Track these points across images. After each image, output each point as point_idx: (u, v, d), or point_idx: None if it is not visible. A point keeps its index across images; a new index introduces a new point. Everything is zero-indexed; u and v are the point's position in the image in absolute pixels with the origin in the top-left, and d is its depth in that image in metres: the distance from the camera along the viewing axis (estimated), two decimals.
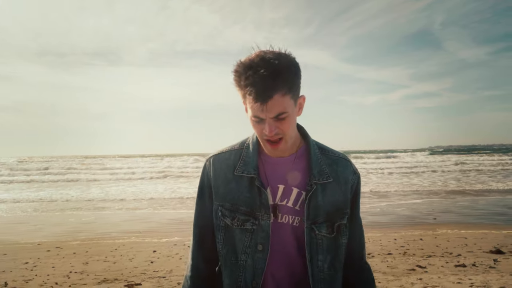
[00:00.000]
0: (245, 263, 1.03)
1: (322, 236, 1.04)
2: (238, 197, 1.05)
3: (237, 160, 1.08)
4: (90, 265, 4.65)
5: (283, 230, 1.04)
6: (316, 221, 1.03)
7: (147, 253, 5.18)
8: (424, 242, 5.59)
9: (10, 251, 5.48)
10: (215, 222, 1.09)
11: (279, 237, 1.04)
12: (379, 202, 10.37)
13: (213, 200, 1.10)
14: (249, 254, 1.03)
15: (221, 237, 1.08)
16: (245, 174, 1.05)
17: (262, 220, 1.03)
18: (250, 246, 1.03)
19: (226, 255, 1.07)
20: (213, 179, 1.10)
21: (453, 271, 4.07)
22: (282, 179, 1.05)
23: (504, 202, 9.96)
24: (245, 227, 1.04)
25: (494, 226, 6.84)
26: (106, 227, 7.49)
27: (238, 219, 1.04)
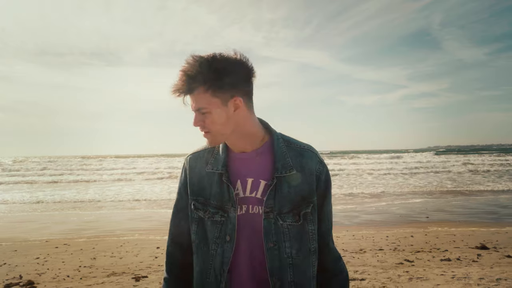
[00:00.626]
0: (215, 252, 1.12)
1: (288, 224, 1.11)
2: (209, 192, 1.14)
3: (210, 158, 1.18)
4: (98, 260, 4.95)
5: (253, 220, 1.12)
6: (281, 211, 1.10)
7: (151, 249, 5.48)
8: (414, 239, 5.91)
9: (20, 248, 5.78)
10: (190, 215, 1.18)
11: (250, 226, 1.11)
12: (375, 202, 10.70)
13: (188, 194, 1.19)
14: (219, 244, 1.12)
15: (194, 229, 1.17)
16: (215, 170, 1.14)
17: (230, 213, 1.11)
18: (219, 236, 1.12)
19: (198, 245, 1.16)
20: (189, 177, 1.19)
21: (438, 265, 4.39)
22: (250, 173, 1.13)
23: (495, 202, 10.30)
24: (215, 219, 1.12)
25: (483, 224, 7.18)
26: (110, 225, 7.79)
27: (209, 212, 1.13)
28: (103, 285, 3.88)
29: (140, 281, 3.98)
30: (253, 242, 1.11)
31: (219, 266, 1.11)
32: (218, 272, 1.11)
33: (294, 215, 1.11)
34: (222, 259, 1.10)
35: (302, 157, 1.15)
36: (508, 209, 8.99)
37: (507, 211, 8.79)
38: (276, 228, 1.10)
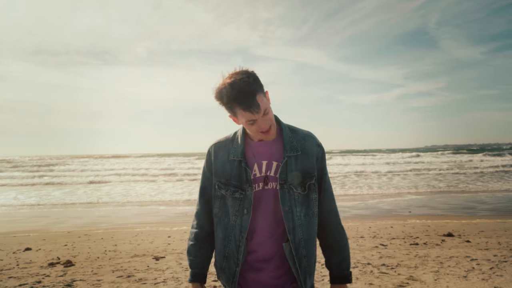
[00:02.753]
0: (235, 223, 1.41)
1: (298, 193, 1.41)
2: (231, 174, 1.43)
3: (230, 147, 1.47)
4: (119, 246, 5.88)
5: (269, 193, 1.42)
6: (292, 183, 1.40)
7: (164, 238, 6.42)
8: (393, 229, 6.87)
9: (48, 237, 6.70)
10: (213, 193, 1.48)
11: (265, 199, 1.42)
12: (366, 199, 11.68)
13: (212, 175, 1.49)
14: (238, 216, 1.41)
15: (218, 204, 1.47)
16: (235, 158, 1.43)
17: (247, 191, 1.40)
18: (239, 210, 1.41)
19: (221, 217, 1.46)
20: (214, 161, 1.48)
21: (406, 247, 5.36)
22: (265, 157, 1.43)
23: (476, 199, 11.30)
24: (235, 196, 1.41)
25: (457, 217, 8.16)
26: (122, 219, 8.72)
27: (230, 190, 1.43)
28: (130, 263, 4.82)
29: (159, 260, 4.92)
30: (269, 210, 1.41)
31: (238, 233, 1.41)
32: (238, 239, 1.41)
33: (302, 186, 1.41)
34: (240, 228, 1.40)
35: (305, 141, 1.47)
36: (485, 205, 9.99)
37: (484, 206, 9.78)
38: (289, 196, 1.40)
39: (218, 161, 1.47)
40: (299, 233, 1.40)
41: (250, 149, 1.44)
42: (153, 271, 4.43)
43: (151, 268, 4.56)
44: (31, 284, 3.97)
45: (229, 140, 1.49)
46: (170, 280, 4.07)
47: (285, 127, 1.48)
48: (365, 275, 4.09)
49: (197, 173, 21.87)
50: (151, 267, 4.58)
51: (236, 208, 1.41)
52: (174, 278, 4.13)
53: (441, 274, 4.07)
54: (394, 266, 4.41)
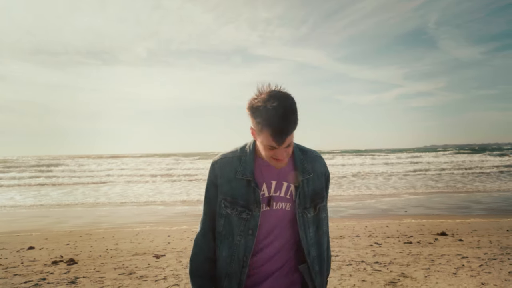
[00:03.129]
0: (239, 243, 1.38)
1: (310, 216, 1.44)
2: (238, 193, 1.39)
3: (238, 164, 1.42)
4: (120, 245, 6.03)
5: (275, 214, 1.41)
6: (306, 206, 1.42)
7: (163, 237, 6.57)
8: (388, 228, 7.04)
9: (50, 236, 6.85)
10: (218, 211, 1.43)
11: (273, 220, 1.40)
12: (363, 199, 11.84)
13: (217, 192, 1.43)
14: (243, 236, 1.38)
15: (222, 222, 1.42)
16: (244, 177, 1.39)
17: (254, 211, 1.37)
18: (244, 230, 1.38)
19: (225, 235, 1.42)
20: (219, 178, 1.42)
21: (400, 246, 5.52)
22: (274, 176, 1.41)
23: (472, 199, 11.47)
24: (241, 216, 1.38)
25: (452, 217, 8.33)
26: (122, 219, 8.87)
27: (236, 210, 1.39)
28: (131, 261, 4.97)
29: (160, 258, 5.07)
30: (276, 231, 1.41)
31: (242, 254, 1.38)
32: (241, 259, 1.38)
33: (313, 208, 1.44)
34: (245, 248, 1.38)
35: (314, 162, 1.48)
36: (480, 205, 10.16)
37: (479, 206, 9.95)
38: (303, 219, 1.42)
39: (224, 178, 1.42)
40: (312, 252, 1.44)
41: (259, 168, 1.42)
42: (153, 268, 4.58)
43: (151, 266, 4.71)
44: (36, 281, 4.12)
45: (236, 156, 1.44)
46: (170, 277, 4.22)
47: (296, 148, 1.47)
48: (358, 272, 4.25)
49: (196, 173, 22.02)
50: (151, 265, 4.73)
51: (242, 228, 1.39)
52: (175, 275, 4.29)
53: (432, 271, 4.23)
54: (387, 263, 4.57)
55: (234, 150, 1.47)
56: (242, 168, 1.41)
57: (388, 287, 3.75)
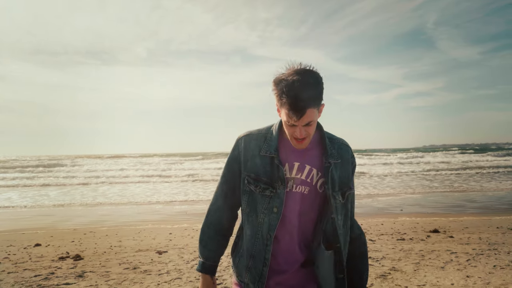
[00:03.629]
0: (263, 221, 1.36)
1: (339, 201, 1.39)
2: (261, 170, 1.37)
3: (263, 141, 1.40)
4: (123, 242, 6.26)
5: (295, 197, 1.38)
6: (334, 190, 1.37)
7: (165, 235, 6.79)
8: (383, 226, 7.27)
9: (55, 234, 7.07)
10: (242, 187, 1.42)
11: (291, 202, 1.37)
12: (360, 198, 12.08)
13: (241, 169, 1.41)
14: (267, 214, 1.36)
15: (246, 199, 1.41)
16: (268, 154, 1.37)
17: (279, 189, 1.35)
18: (268, 208, 1.35)
19: (249, 213, 1.40)
20: (243, 154, 1.41)
21: (393, 242, 5.75)
22: (297, 158, 1.38)
23: (467, 197, 11.71)
24: (265, 194, 1.36)
25: (445, 215, 8.57)
26: (124, 218, 9.10)
27: (260, 187, 1.37)
28: (134, 257, 5.20)
29: (162, 254, 5.30)
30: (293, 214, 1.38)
31: (266, 232, 1.36)
32: (265, 237, 1.37)
33: (341, 195, 1.40)
34: (268, 226, 1.36)
35: (341, 150, 1.45)
36: (474, 203, 10.40)
37: (473, 204, 10.19)
38: (334, 203, 1.38)
39: (248, 154, 1.41)
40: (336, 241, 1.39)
41: (284, 148, 1.40)
42: (156, 263, 4.81)
43: (154, 261, 4.94)
44: (45, 275, 4.34)
45: (261, 134, 1.43)
46: (173, 271, 4.45)
47: (324, 134, 1.45)
48: None
49: (194, 174, 22.24)
50: (154, 260, 4.96)
51: (265, 206, 1.37)
52: (177, 269, 4.51)
53: (421, 265, 4.46)
54: (379, 258, 4.80)
55: (260, 128, 1.47)
56: (267, 146, 1.39)
57: (379, 279, 3.98)
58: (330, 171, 1.38)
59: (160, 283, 4.03)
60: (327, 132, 1.49)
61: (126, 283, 4.07)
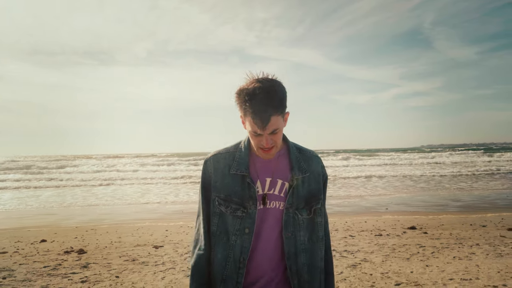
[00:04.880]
0: (235, 243, 1.33)
1: (303, 218, 1.37)
2: (232, 190, 1.34)
3: (232, 160, 1.38)
4: (123, 238, 6.80)
5: (271, 213, 1.36)
6: (298, 207, 1.36)
7: (162, 231, 7.34)
8: (366, 223, 7.82)
9: (58, 231, 7.61)
10: (212, 209, 1.39)
11: (267, 219, 1.35)
12: (350, 198, 12.65)
13: (211, 191, 1.39)
14: (238, 235, 1.33)
15: (216, 221, 1.38)
16: (239, 172, 1.35)
17: (250, 209, 1.33)
18: (239, 229, 1.33)
19: (219, 236, 1.36)
20: (213, 175, 1.39)
21: (371, 238, 6.31)
22: (268, 174, 1.37)
23: (453, 197, 12.28)
24: (236, 214, 1.33)
25: (426, 213, 9.13)
26: (123, 216, 9.64)
27: (230, 208, 1.34)
28: (133, 251, 5.74)
29: (158, 248, 5.85)
30: (270, 232, 1.35)
31: (238, 255, 1.32)
32: (238, 260, 1.32)
33: (307, 210, 1.38)
34: (241, 248, 1.32)
35: (312, 162, 1.43)
36: (458, 202, 10.97)
37: (456, 203, 10.76)
38: (294, 220, 1.35)
39: (218, 174, 1.39)
40: (302, 258, 1.36)
41: (254, 164, 1.38)
42: (153, 256, 5.36)
43: (151, 254, 5.49)
44: (54, 266, 4.89)
45: (230, 153, 1.42)
46: (168, 263, 5.00)
47: (292, 146, 1.44)
48: None
49: (195, 175, 22.77)
50: (151, 254, 5.51)
51: (237, 227, 1.34)
52: (171, 261, 5.06)
53: (390, 257, 5.02)
54: (354, 251, 5.36)
55: (227, 147, 1.45)
56: (237, 164, 1.38)
57: (349, 268, 4.54)
58: (293, 189, 1.37)
59: (156, 272, 4.58)
60: (295, 143, 1.49)
61: (126, 272, 4.62)
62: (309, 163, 1.43)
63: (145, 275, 4.48)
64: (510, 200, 11.36)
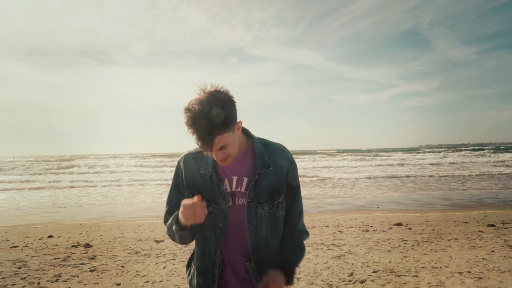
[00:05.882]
0: (209, 237, 1.43)
1: (265, 212, 1.43)
2: (202, 188, 1.44)
3: (201, 159, 1.47)
4: (126, 234, 7.26)
5: (238, 210, 1.43)
6: (260, 201, 1.43)
7: (162, 228, 7.79)
8: (356, 220, 8.29)
9: (64, 228, 8.07)
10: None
11: (236, 215, 1.43)
12: (343, 197, 13.13)
13: (185, 188, 1.48)
14: (212, 230, 1.43)
15: None
16: (206, 172, 1.44)
17: (221, 204, 1.42)
18: (213, 224, 1.42)
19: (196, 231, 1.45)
20: (185, 174, 1.48)
21: (358, 233, 6.78)
22: (235, 172, 1.44)
23: (444, 196, 12.77)
24: (208, 210, 1.39)
25: (414, 211, 9.61)
26: (124, 214, 10.10)
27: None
28: (136, 245, 6.20)
29: (159, 243, 6.31)
30: (239, 227, 1.43)
31: (213, 248, 1.43)
32: (213, 253, 1.43)
33: (269, 204, 1.43)
34: (215, 242, 1.43)
35: (276, 156, 1.47)
36: (447, 201, 11.45)
37: (446, 202, 11.24)
38: (256, 214, 1.42)
39: (188, 173, 1.48)
40: (264, 252, 1.43)
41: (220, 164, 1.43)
42: (155, 249, 5.82)
43: (153, 248, 5.95)
44: (63, 258, 5.35)
45: (199, 152, 1.49)
46: (168, 255, 5.46)
47: (256, 142, 1.48)
48: (316, 250, 5.50)
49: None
50: (153, 247, 5.97)
51: (210, 222, 1.41)
52: (172, 253, 5.53)
53: (373, 249, 5.49)
54: (340, 245, 5.82)
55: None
56: (205, 164, 1.46)
57: (334, 259, 5.01)
58: (254, 181, 1.42)
59: (158, 263, 5.04)
60: (262, 138, 1.53)
61: (130, 263, 5.08)
62: (273, 158, 1.47)
63: (148, 265, 4.94)
64: (498, 199, 11.84)
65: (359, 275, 4.31)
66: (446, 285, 3.86)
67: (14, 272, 4.65)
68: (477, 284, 3.87)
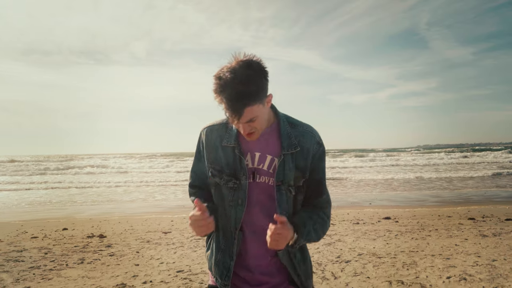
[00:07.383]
0: (230, 213, 1.42)
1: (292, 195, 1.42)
2: (224, 162, 1.42)
3: (224, 131, 1.44)
4: (134, 226, 7.93)
5: (259, 187, 1.42)
6: (288, 183, 1.40)
7: (168, 222, 8.48)
8: (348, 215, 8.99)
9: (76, 222, 8.74)
10: (209, 180, 1.49)
11: (257, 193, 1.42)
12: (337, 195, 13.84)
13: (205, 161, 1.48)
14: (233, 206, 1.41)
15: (213, 192, 1.49)
16: (229, 144, 1.41)
17: (242, 180, 1.39)
18: (233, 200, 1.41)
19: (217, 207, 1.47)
20: (206, 146, 1.47)
21: (348, 225, 7.48)
22: (258, 148, 1.41)
23: (434, 193, 13.50)
24: (229, 185, 1.40)
25: (404, 207, 10.33)
26: (130, 210, 10.78)
27: (224, 179, 1.42)
28: (146, 235, 6.88)
29: (167, 234, 6.99)
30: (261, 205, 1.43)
31: (233, 225, 1.43)
32: (233, 231, 1.44)
33: (295, 187, 1.42)
34: (235, 219, 1.42)
35: (303, 137, 1.43)
36: (437, 198, 12.17)
37: (435, 199, 11.97)
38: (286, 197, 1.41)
39: (210, 145, 1.46)
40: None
41: (244, 138, 1.39)
42: (164, 239, 6.51)
43: (162, 238, 6.63)
44: (83, 246, 6.02)
45: (223, 124, 1.46)
46: (177, 243, 6.15)
47: (283, 121, 1.44)
48: None
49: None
50: (162, 237, 6.66)
51: (230, 198, 1.41)
52: (180, 242, 6.21)
53: (360, 238, 6.19)
54: (332, 235, 6.52)
55: (222, 118, 1.48)
56: (228, 136, 1.43)
57: (325, 245, 5.71)
58: (282, 162, 1.39)
59: (169, 249, 5.73)
60: (288, 116, 1.48)
61: (144, 249, 5.77)
62: (300, 139, 1.42)
63: (160, 251, 5.63)
64: (485, 196, 12.57)
65: (345, 257, 5.01)
66: (418, 264, 4.57)
67: (42, 257, 5.32)
68: (444, 262, 4.58)
